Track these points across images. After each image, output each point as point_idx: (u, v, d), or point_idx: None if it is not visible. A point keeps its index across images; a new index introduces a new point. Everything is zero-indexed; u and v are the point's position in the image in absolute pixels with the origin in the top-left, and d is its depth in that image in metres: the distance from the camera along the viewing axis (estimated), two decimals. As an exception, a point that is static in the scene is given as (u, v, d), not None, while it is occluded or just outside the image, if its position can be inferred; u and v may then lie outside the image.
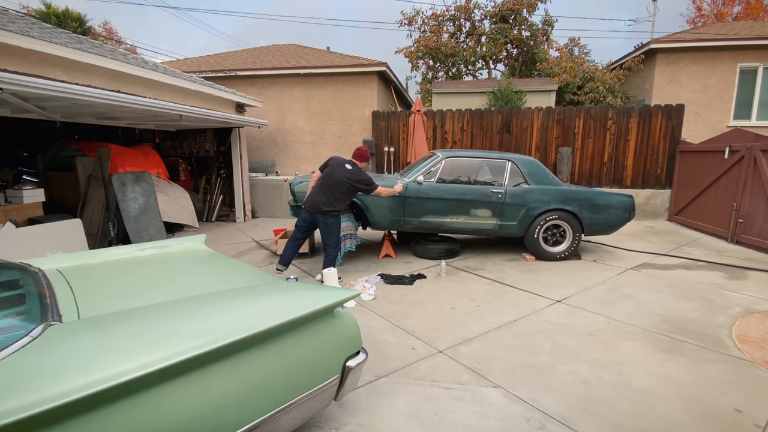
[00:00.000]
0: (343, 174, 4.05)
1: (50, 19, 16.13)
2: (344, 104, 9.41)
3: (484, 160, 5.21)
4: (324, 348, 1.80)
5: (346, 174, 4.06)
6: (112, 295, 1.84)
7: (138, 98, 4.79)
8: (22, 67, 4.01)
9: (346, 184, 4.05)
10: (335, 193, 4.04)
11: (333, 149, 9.63)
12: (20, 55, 4.04)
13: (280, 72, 9.36)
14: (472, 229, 5.11)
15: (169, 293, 1.85)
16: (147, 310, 1.57)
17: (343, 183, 4.04)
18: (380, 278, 4.49)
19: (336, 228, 4.15)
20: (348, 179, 4.05)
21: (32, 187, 5.18)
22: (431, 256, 5.24)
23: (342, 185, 4.04)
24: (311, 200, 4.11)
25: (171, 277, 2.18)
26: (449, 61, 12.56)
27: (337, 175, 4.05)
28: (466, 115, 8.69)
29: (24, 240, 4.57)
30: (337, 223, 4.15)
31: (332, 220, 4.09)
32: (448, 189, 4.99)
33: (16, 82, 3.51)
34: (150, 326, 1.43)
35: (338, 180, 4.04)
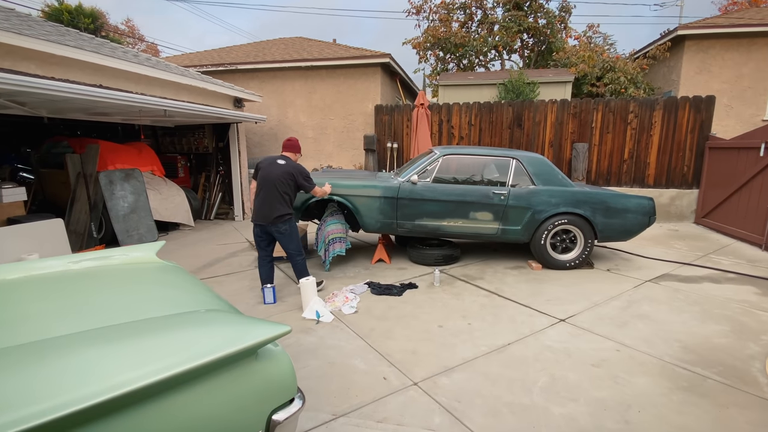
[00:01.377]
0: (279, 171, 3.62)
1: (63, 15, 16.30)
2: (346, 98, 9.03)
3: (485, 157, 4.75)
4: (239, 401, 1.44)
5: (282, 169, 3.63)
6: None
7: (115, 92, 4.53)
8: None
9: (286, 180, 3.63)
10: (277, 194, 3.61)
11: (335, 145, 9.29)
12: None
13: (281, 65, 9.05)
14: (472, 234, 4.68)
15: (61, 326, 1.53)
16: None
17: (281, 180, 3.61)
18: (367, 287, 4.12)
19: (293, 234, 3.78)
20: (286, 173, 3.62)
21: (13, 185, 5.02)
22: (427, 262, 4.84)
23: (281, 183, 3.61)
24: (257, 212, 3.70)
25: (80, 302, 1.87)
26: (459, 52, 11.92)
27: (274, 173, 3.62)
28: (474, 108, 8.18)
29: (6, 239, 4.41)
30: (292, 228, 3.78)
31: (285, 226, 3.71)
32: (445, 190, 4.56)
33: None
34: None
35: (276, 178, 3.60)
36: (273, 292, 3.79)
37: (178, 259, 5.37)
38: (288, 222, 3.70)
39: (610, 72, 9.56)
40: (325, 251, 4.66)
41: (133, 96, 4.74)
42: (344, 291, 3.97)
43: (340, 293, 3.89)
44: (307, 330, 3.20)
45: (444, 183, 4.63)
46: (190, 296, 2.11)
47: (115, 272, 2.31)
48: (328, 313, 3.44)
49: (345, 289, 4.02)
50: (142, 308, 1.86)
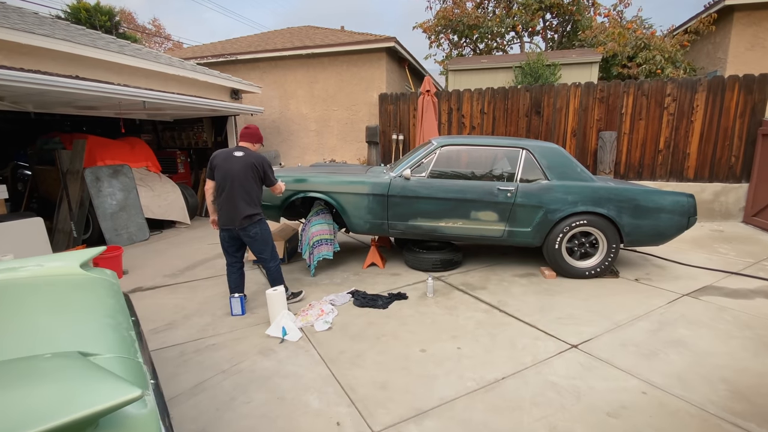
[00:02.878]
0: (239, 164, 3.12)
1: (80, 13, 16.53)
2: (350, 87, 8.50)
3: (490, 148, 4.12)
4: None
5: (243, 161, 3.13)
6: None
7: (86, 83, 4.20)
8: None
9: (248, 174, 3.12)
10: (242, 192, 3.13)
11: (339, 138, 8.81)
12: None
13: (282, 54, 8.62)
14: (473, 237, 4.08)
15: None
16: None
17: (243, 174, 3.10)
18: (350, 297, 3.63)
19: (264, 237, 3.32)
20: (247, 166, 3.12)
21: (-9, 183, 4.81)
22: (424, 268, 4.29)
23: (244, 178, 3.11)
24: (222, 215, 3.23)
25: None
26: (474, 34, 11.05)
27: (234, 168, 3.11)
28: (487, 95, 7.47)
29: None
30: (263, 231, 3.32)
31: (255, 229, 3.24)
32: (443, 186, 3.98)
33: None
34: None
35: (237, 173, 3.11)
36: (241, 302, 3.36)
37: (164, 259, 5.06)
38: (258, 224, 3.24)
39: (644, 50, 8.56)
40: (310, 254, 4.20)
41: (105, 86, 4.40)
42: (322, 302, 3.49)
43: (316, 305, 3.42)
44: (266, 351, 2.74)
45: (442, 178, 4.05)
46: (77, 327, 1.67)
47: (7, 289, 1.91)
48: (297, 330, 2.97)
49: (325, 299, 3.55)
50: None
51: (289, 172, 4.34)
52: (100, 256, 4.49)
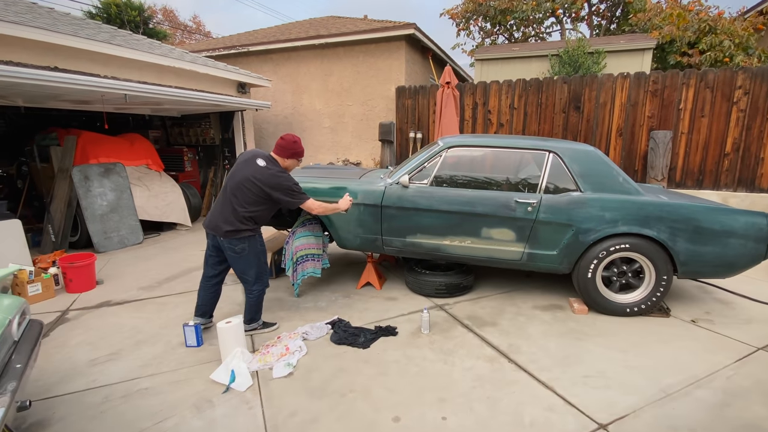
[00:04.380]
0: (249, 172, 2.67)
1: (111, 8, 16.91)
2: (366, 80, 7.87)
3: (508, 151, 3.37)
4: None
5: (254, 171, 2.66)
6: None
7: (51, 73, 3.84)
8: None
9: (252, 188, 2.66)
10: (237, 201, 2.67)
11: (353, 135, 8.22)
12: None
13: (295, 44, 8.11)
14: (484, 258, 3.36)
15: None
16: None
17: (246, 185, 2.66)
18: (329, 329, 3.03)
19: (252, 255, 2.78)
20: (255, 179, 2.65)
21: (-25, 181, 4.61)
22: (426, 292, 3.62)
23: (245, 189, 2.66)
24: (210, 216, 2.78)
25: None
26: (508, 20, 9.96)
27: (242, 173, 2.68)
28: (518, 87, 6.60)
29: (-51, 242, 3.99)
30: (253, 249, 2.78)
31: (242, 245, 2.72)
32: (447, 196, 3.28)
33: None
34: None
35: (241, 180, 2.67)
36: (196, 332, 2.85)
37: (147, 267, 4.68)
38: (247, 240, 2.71)
39: (709, 35, 7.29)
40: (294, 272, 3.64)
41: (77, 78, 4.03)
42: (293, 335, 2.91)
43: (284, 339, 2.85)
44: (202, 404, 2.20)
45: (447, 187, 3.35)
46: None
47: None
48: (248, 376, 2.41)
49: (297, 331, 2.97)
50: None
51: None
52: (70, 265, 4.20)
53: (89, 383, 2.44)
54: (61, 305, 3.72)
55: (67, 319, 3.43)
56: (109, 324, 3.29)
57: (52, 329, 3.24)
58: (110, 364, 2.66)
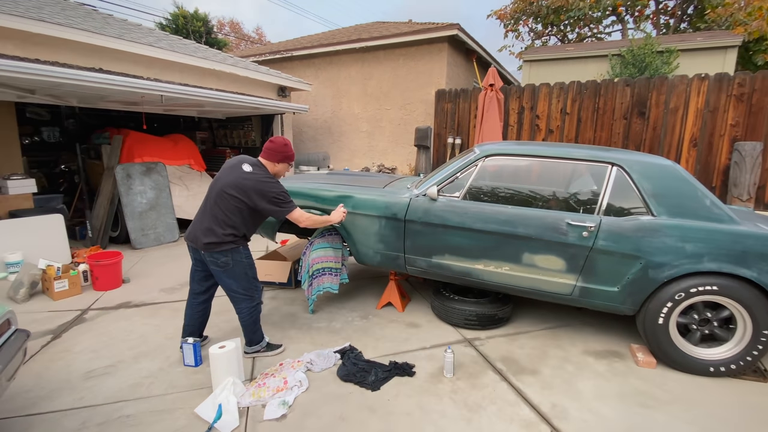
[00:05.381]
0: (233, 177, 2.42)
1: (179, 20, 18.04)
2: (405, 83, 7.52)
3: (560, 162, 2.83)
4: None
5: (239, 177, 2.42)
6: None
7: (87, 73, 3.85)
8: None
9: (236, 194, 2.40)
10: (219, 210, 2.41)
11: (390, 140, 7.88)
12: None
13: (336, 48, 7.96)
14: (525, 289, 2.83)
15: None
16: None
17: (229, 192, 2.40)
18: (338, 359, 2.67)
19: (236, 270, 2.49)
20: (239, 186, 2.39)
21: (22, 176, 4.82)
22: (454, 321, 3.14)
23: (228, 197, 2.40)
24: (190, 227, 2.53)
25: None
26: (560, 20, 9.13)
27: (226, 179, 2.44)
28: (571, 90, 5.93)
29: (-8, 235, 4.14)
30: (237, 263, 2.49)
31: (225, 258, 2.44)
32: (482, 213, 2.81)
33: None
34: None
35: (224, 187, 2.42)
36: (195, 350, 2.61)
37: (174, 268, 4.62)
38: (230, 253, 2.45)
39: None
40: (309, 286, 3.34)
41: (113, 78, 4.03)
42: (296, 364, 2.57)
43: (284, 369, 2.51)
44: (180, 446, 1.91)
45: (483, 202, 2.87)
46: None
47: None
48: (235, 414, 2.09)
49: (302, 359, 2.63)
50: None
51: (292, 182, 3.53)
52: (96, 263, 4.20)
53: (75, 401, 2.25)
54: (83, 303, 3.68)
55: (84, 320, 3.36)
56: (119, 329, 3.16)
57: (66, 330, 3.17)
58: (104, 379, 2.47)
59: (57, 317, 3.39)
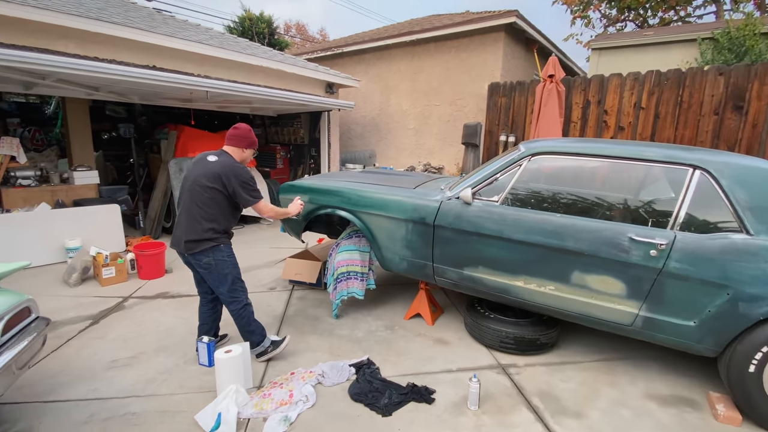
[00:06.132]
0: (201, 169, 2.35)
1: (245, 22, 19.06)
2: (457, 77, 7.09)
3: (626, 163, 2.34)
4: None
5: (206, 166, 2.35)
6: None
7: (135, 69, 4.02)
8: (12, 38, 3.68)
9: (205, 184, 2.31)
10: (195, 207, 2.33)
11: (438, 138, 7.51)
12: (17, 26, 3.71)
13: (386, 42, 7.75)
14: (573, 314, 2.39)
15: None
16: None
17: (200, 184, 2.32)
18: (352, 373, 2.45)
19: (220, 269, 2.40)
20: (209, 175, 2.33)
21: (86, 168, 5.22)
22: (488, 342, 2.78)
23: (199, 190, 2.32)
24: (173, 233, 2.46)
25: None
26: (640, 3, 7.90)
27: (194, 173, 2.38)
28: (649, 81, 5.14)
29: (58, 221, 4.52)
30: (219, 262, 2.40)
31: (207, 259, 2.37)
32: (524, 221, 2.41)
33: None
34: None
35: (195, 180, 2.35)
36: (209, 350, 2.55)
37: None
38: (211, 253, 2.36)
39: None
40: (334, 289, 3.18)
41: (160, 74, 4.18)
42: (307, 375, 2.40)
43: (293, 380, 2.35)
44: (173, 455, 1.82)
45: (525, 208, 2.48)
46: None
47: None
48: (233, 426, 1.96)
49: (314, 370, 2.45)
50: None
51: (319, 180, 3.38)
52: (141, 253, 4.41)
53: (90, 392, 2.28)
54: (126, 291, 3.86)
55: (123, 307, 3.51)
56: (151, 320, 3.24)
57: (105, 316, 3.32)
58: (122, 371, 2.50)
59: (100, 303, 3.57)
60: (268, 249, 5.36)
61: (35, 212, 4.46)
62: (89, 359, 2.64)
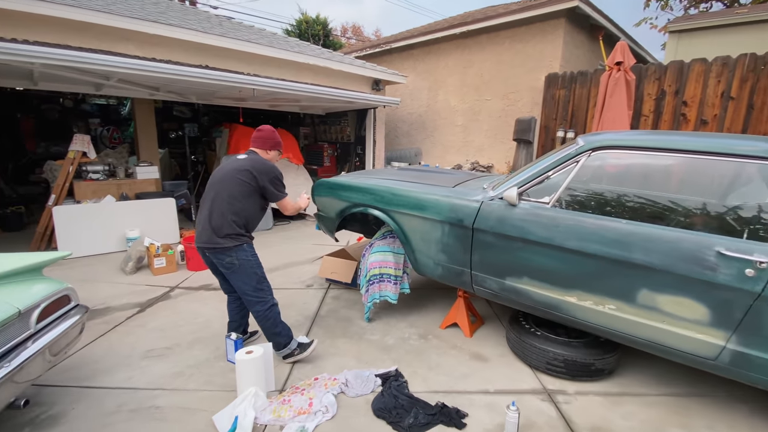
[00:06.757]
0: (233, 165, 2.37)
1: (302, 25, 19.69)
2: (510, 70, 6.63)
3: (712, 158, 1.92)
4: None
5: (238, 162, 2.37)
6: None
7: (190, 69, 4.18)
8: (80, 41, 3.96)
9: (236, 179, 2.29)
10: (223, 201, 2.29)
11: (488, 135, 7.09)
12: (84, 29, 3.99)
13: (435, 35, 7.47)
14: (640, 339, 2.01)
15: None
16: None
17: (231, 178, 2.31)
18: (377, 384, 2.28)
19: (245, 269, 2.34)
20: (240, 169, 2.32)
21: (148, 164, 5.57)
22: (533, 363, 2.46)
23: (230, 183, 2.30)
24: (196, 231, 2.41)
25: None
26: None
27: (224, 170, 2.39)
28: (741, 66, 4.39)
29: (120, 212, 4.87)
30: (243, 261, 2.33)
31: (229, 258, 2.30)
32: (581, 227, 2.08)
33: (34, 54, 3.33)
34: None
35: (222, 178, 2.35)
36: (236, 347, 2.51)
37: (261, 255, 4.80)
38: (234, 252, 2.30)
39: None
40: (366, 291, 3.04)
41: (210, 72, 4.31)
42: (329, 383, 2.27)
43: (315, 387, 2.23)
44: (187, 457, 1.77)
45: (582, 211, 2.13)
46: None
47: None
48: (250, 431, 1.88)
49: (339, 377, 2.32)
50: None
51: (352, 177, 3.25)
52: (189, 245, 4.58)
53: (124, 380, 2.34)
54: (173, 281, 4.03)
55: (169, 297, 3.65)
56: (190, 311, 3.32)
57: (151, 305, 3.46)
58: (156, 362, 2.55)
59: (149, 291, 3.74)
60: (311, 245, 5.37)
61: (101, 204, 4.83)
62: (130, 347, 2.73)
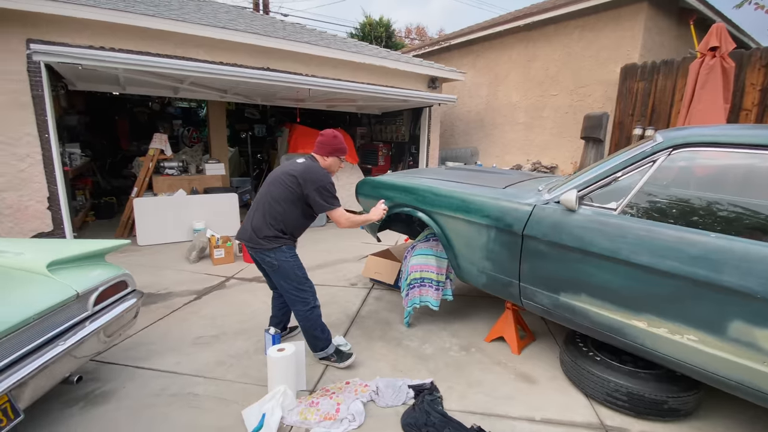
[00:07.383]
0: (286, 168, 2.34)
1: (365, 27, 20.05)
2: (580, 62, 6.05)
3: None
4: None
5: (291, 166, 2.33)
6: None
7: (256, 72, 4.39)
8: (162, 49, 4.33)
9: (286, 181, 2.27)
10: (268, 203, 2.29)
11: (553, 133, 6.55)
12: (161, 37, 4.36)
13: (497, 29, 7.08)
14: (728, 381, 1.64)
15: None
16: None
17: (281, 179, 2.29)
18: (410, 397, 2.15)
19: (285, 270, 2.31)
20: (288, 173, 2.29)
21: (215, 161, 5.96)
22: (590, 392, 2.15)
23: (278, 184, 2.29)
24: (242, 225, 2.43)
25: None
26: None
27: (279, 171, 2.38)
28: None
29: (190, 205, 5.29)
30: (284, 263, 2.30)
31: (269, 258, 2.29)
32: (654, 239, 1.75)
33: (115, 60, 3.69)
34: None
35: (277, 176, 2.34)
36: (273, 342, 2.53)
37: (311, 251, 4.90)
38: (274, 252, 2.30)
39: None
40: (406, 296, 2.93)
41: (265, 73, 4.48)
42: (359, 389, 2.19)
43: (344, 392, 2.16)
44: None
45: (656, 220, 1.81)
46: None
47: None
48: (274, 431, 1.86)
49: (371, 384, 2.23)
50: None
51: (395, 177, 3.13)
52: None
53: (172, 365, 2.47)
54: (230, 271, 4.25)
55: (224, 286, 3.85)
56: (240, 301, 3.46)
57: (207, 293, 3.68)
58: (202, 349, 2.67)
59: (207, 280, 3.97)
60: (360, 243, 5.37)
61: (174, 197, 5.27)
62: (183, 332, 2.90)
